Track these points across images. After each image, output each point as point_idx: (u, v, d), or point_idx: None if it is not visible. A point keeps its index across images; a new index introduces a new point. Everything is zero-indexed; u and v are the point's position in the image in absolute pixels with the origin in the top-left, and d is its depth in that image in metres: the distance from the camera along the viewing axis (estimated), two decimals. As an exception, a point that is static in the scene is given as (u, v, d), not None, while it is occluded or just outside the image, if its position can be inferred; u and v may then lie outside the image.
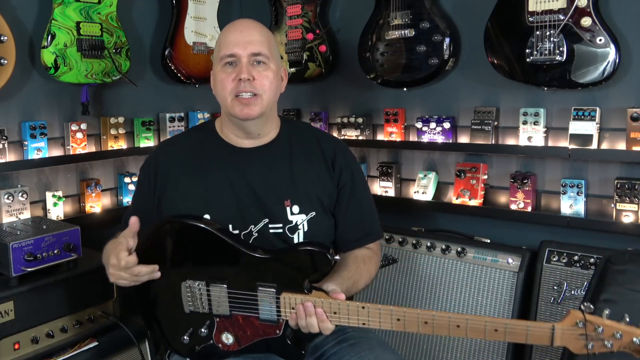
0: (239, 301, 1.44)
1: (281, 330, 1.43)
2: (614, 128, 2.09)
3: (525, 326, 1.24)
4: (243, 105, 1.52)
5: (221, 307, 1.45)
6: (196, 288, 1.46)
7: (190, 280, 1.46)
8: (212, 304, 1.46)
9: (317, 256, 1.42)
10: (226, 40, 1.56)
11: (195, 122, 2.78)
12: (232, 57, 1.53)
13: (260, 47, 1.53)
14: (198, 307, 1.47)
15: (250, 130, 1.60)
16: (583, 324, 1.17)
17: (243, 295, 1.43)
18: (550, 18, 2.01)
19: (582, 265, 2.01)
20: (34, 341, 1.86)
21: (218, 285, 1.44)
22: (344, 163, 1.65)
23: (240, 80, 1.51)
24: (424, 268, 2.28)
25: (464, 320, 1.27)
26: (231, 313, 1.45)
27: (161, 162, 1.63)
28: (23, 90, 2.25)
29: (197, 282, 1.46)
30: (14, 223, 2.08)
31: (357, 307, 1.35)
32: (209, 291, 1.45)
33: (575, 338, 1.19)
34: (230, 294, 1.44)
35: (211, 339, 1.48)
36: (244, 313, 1.44)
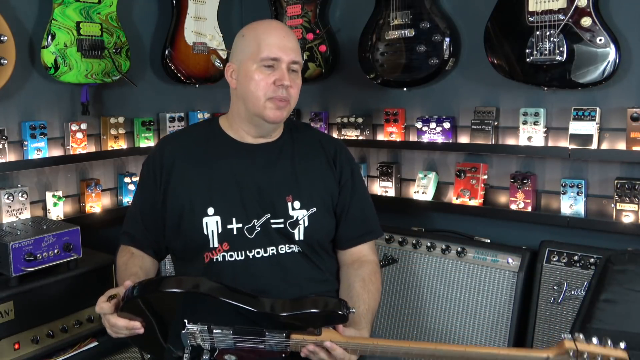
0: (245, 341, 1.38)
1: (288, 354, 1.40)
2: (614, 128, 2.09)
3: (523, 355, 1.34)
4: (277, 109, 1.55)
5: (225, 344, 1.39)
6: (197, 332, 1.38)
7: (190, 326, 1.37)
8: (214, 342, 1.39)
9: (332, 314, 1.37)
10: (268, 42, 1.56)
11: (195, 122, 2.78)
12: (274, 61, 1.55)
13: (298, 56, 1.59)
14: (200, 343, 1.40)
15: (269, 131, 1.64)
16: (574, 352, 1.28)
17: (250, 338, 1.38)
18: (550, 18, 2.02)
19: (582, 265, 2.01)
20: (34, 341, 1.86)
21: (222, 332, 1.38)
22: (345, 161, 1.69)
23: (280, 85, 1.54)
24: (424, 268, 2.28)
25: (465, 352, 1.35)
26: (236, 347, 1.40)
27: (166, 155, 1.63)
28: (23, 90, 2.25)
29: (198, 327, 1.37)
30: (14, 223, 2.08)
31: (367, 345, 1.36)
32: (212, 335, 1.38)
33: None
34: (235, 338, 1.38)
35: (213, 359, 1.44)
36: (249, 346, 1.39)
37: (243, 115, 1.62)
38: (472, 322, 2.13)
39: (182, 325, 1.37)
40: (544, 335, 2.02)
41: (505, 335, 2.07)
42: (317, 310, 1.36)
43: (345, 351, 1.35)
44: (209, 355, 1.42)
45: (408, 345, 1.38)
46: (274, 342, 1.37)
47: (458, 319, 2.16)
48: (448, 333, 2.17)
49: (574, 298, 1.99)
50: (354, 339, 1.37)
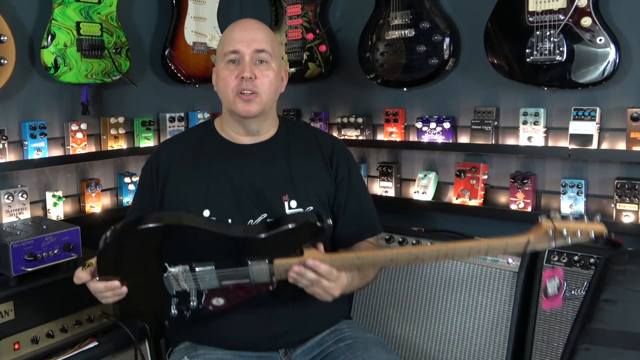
0: (229, 275, 1.40)
1: (274, 286, 1.42)
2: (614, 128, 2.09)
3: (504, 243, 1.41)
4: (244, 103, 1.55)
5: (210, 283, 1.41)
6: (179, 274, 1.39)
7: (171, 269, 1.39)
8: (199, 283, 1.41)
9: (310, 228, 1.39)
10: (230, 37, 1.59)
11: (195, 122, 2.78)
12: (235, 54, 1.56)
13: (263, 44, 1.56)
14: (184, 287, 1.42)
15: (251, 127, 1.62)
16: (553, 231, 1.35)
17: (233, 271, 1.40)
18: (550, 18, 2.01)
19: (582, 265, 2.01)
20: (34, 341, 1.86)
21: (204, 268, 1.39)
22: (342, 159, 1.68)
23: (242, 78, 1.54)
24: (423, 268, 2.28)
25: (452, 249, 1.41)
26: (221, 285, 1.41)
27: (163, 160, 1.65)
28: (23, 90, 2.25)
29: (180, 268, 1.39)
30: (14, 223, 2.08)
31: (351, 259, 1.41)
32: (195, 274, 1.40)
33: (543, 242, 1.38)
34: (218, 272, 1.40)
35: (200, 305, 1.45)
36: (235, 282, 1.41)
37: (227, 115, 1.64)
38: (472, 322, 2.13)
39: (164, 269, 1.38)
40: (544, 335, 2.02)
41: (505, 335, 2.06)
42: (294, 224, 1.38)
43: (331, 268, 1.37)
44: (197, 301, 1.43)
45: (391, 252, 1.43)
46: (257, 271, 1.38)
47: (458, 319, 2.16)
48: (448, 333, 2.17)
49: (574, 298, 1.99)
50: (336, 255, 1.41)
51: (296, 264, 1.37)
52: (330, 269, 1.38)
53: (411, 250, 1.43)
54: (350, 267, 1.42)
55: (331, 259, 1.39)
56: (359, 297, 2.41)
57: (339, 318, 1.68)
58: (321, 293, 1.40)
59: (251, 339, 1.54)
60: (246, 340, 1.54)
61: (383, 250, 1.43)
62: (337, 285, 1.41)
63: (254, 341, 1.54)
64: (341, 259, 1.41)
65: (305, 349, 1.59)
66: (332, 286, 1.39)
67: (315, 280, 1.38)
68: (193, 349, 1.58)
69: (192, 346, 1.59)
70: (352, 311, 2.39)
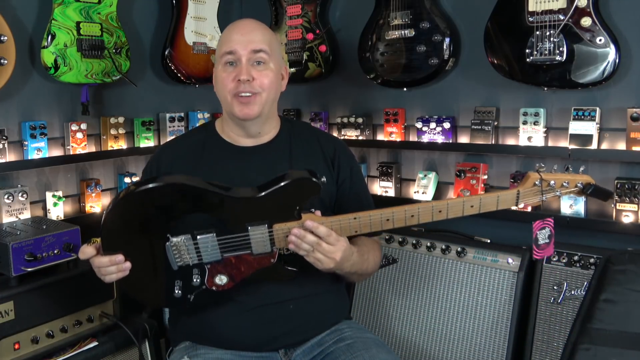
0: (230, 244, 1.41)
1: (275, 258, 1.42)
2: (614, 128, 2.09)
3: (496, 196, 1.44)
4: (242, 105, 1.54)
5: (212, 254, 1.42)
6: (182, 243, 1.40)
7: (174, 238, 1.40)
8: (201, 254, 1.41)
9: (304, 184, 1.39)
10: (227, 38, 1.58)
11: (195, 122, 2.78)
12: (232, 55, 1.55)
13: (260, 44, 1.55)
14: (187, 260, 1.42)
15: (251, 129, 1.61)
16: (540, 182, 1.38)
17: (233, 238, 1.40)
18: (550, 18, 2.01)
19: (582, 265, 2.01)
20: (34, 341, 1.86)
21: (205, 235, 1.40)
22: (343, 160, 1.68)
23: (239, 80, 1.53)
24: (424, 268, 2.28)
25: (445, 205, 1.43)
26: (223, 257, 1.42)
27: (164, 162, 1.65)
28: (23, 90, 2.25)
29: (182, 237, 1.39)
30: (14, 223, 2.09)
31: (348, 219, 1.41)
32: (197, 243, 1.40)
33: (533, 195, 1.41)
34: (219, 240, 1.40)
35: (204, 285, 1.45)
36: (236, 253, 1.41)
37: (227, 117, 1.64)
38: (472, 322, 2.13)
39: (166, 240, 1.39)
40: (544, 335, 2.02)
41: (505, 335, 2.07)
42: (289, 180, 1.38)
43: (329, 230, 1.38)
44: (200, 279, 1.44)
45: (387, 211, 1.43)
46: (257, 238, 1.39)
47: (458, 319, 2.16)
48: (448, 333, 2.17)
49: (574, 298, 1.99)
50: (333, 217, 1.41)
51: (295, 227, 1.38)
52: (329, 230, 1.38)
53: (406, 208, 1.42)
54: (348, 228, 1.42)
55: (329, 220, 1.40)
56: (359, 297, 2.41)
57: (339, 318, 1.68)
58: (322, 258, 1.39)
59: (251, 339, 1.54)
60: (246, 341, 1.54)
61: (379, 210, 1.43)
62: (338, 248, 1.40)
63: (254, 341, 1.54)
64: (338, 220, 1.41)
65: (305, 349, 1.59)
66: (332, 249, 1.39)
67: (315, 243, 1.38)
68: (193, 349, 1.58)
69: (192, 346, 1.59)
70: (352, 311, 2.39)
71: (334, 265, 1.42)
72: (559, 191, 1.40)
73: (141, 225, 1.41)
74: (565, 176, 1.40)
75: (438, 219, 1.44)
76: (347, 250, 1.44)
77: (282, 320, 1.54)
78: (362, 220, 1.43)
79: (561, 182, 1.39)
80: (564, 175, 1.41)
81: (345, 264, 1.46)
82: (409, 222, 1.44)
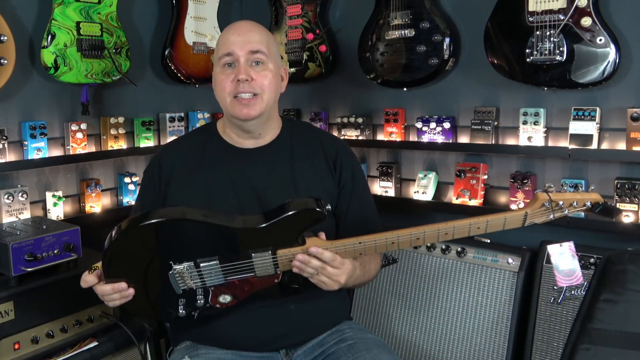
0: (233, 269, 1.41)
1: (279, 279, 1.43)
2: (614, 128, 2.09)
3: (503, 218, 1.43)
4: (242, 106, 1.53)
5: (215, 279, 1.42)
6: (185, 271, 1.40)
7: (176, 266, 1.40)
8: (204, 279, 1.42)
9: (308, 214, 1.39)
10: (225, 40, 1.57)
11: (195, 122, 2.78)
12: (230, 57, 1.55)
13: (258, 45, 1.55)
14: (190, 285, 1.43)
15: (251, 130, 1.61)
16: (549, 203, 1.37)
17: (237, 264, 1.41)
18: (550, 18, 2.01)
19: (582, 265, 2.01)
20: (34, 341, 1.86)
21: (208, 263, 1.40)
22: (345, 162, 1.67)
23: (238, 81, 1.52)
24: (424, 268, 2.28)
25: (452, 228, 1.42)
26: (226, 281, 1.42)
27: (165, 163, 1.64)
28: (23, 90, 2.25)
29: (185, 265, 1.40)
30: (14, 223, 2.08)
31: (353, 244, 1.41)
32: (200, 270, 1.41)
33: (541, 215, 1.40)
34: (223, 267, 1.41)
35: (208, 304, 1.46)
36: (240, 276, 1.42)
37: (227, 119, 1.63)
38: (472, 322, 2.13)
39: (169, 267, 1.39)
40: (544, 335, 2.03)
41: (505, 335, 2.07)
42: (293, 211, 1.37)
43: (334, 254, 1.38)
44: (203, 300, 1.45)
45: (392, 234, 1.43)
46: (261, 263, 1.39)
47: (458, 319, 2.16)
48: (448, 333, 2.17)
49: (574, 298, 1.99)
50: (337, 241, 1.41)
51: (299, 253, 1.38)
52: (334, 255, 1.38)
53: (412, 231, 1.43)
54: (352, 252, 1.42)
55: (333, 245, 1.40)
56: (359, 298, 2.41)
57: (340, 319, 1.68)
58: (327, 281, 1.40)
59: (252, 340, 1.54)
60: (247, 341, 1.54)
61: (384, 233, 1.43)
62: (343, 271, 1.41)
63: (255, 341, 1.54)
64: (343, 244, 1.41)
65: (306, 349, 1.59)
66: (337, 272, 1.39)
67: (319, 268, 1.38)
68: (194, 349, 1.57)
69: (193, 345, 1.59)
70: (352, 312, 2.39)
71: (338, 287, 1.43)
72: (567, 210, 1.39)
73: (143, 255, 1.42)
74: (574, 195, 1.38)
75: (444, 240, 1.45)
76: (351, 270, 1.44)
77: (283, 320, 1.54)
78: (367, 244, 1.42)
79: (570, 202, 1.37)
80: (573, 195, 1.39)
81: (349, 280, 1.46)
82: (414, 244, 1.45)
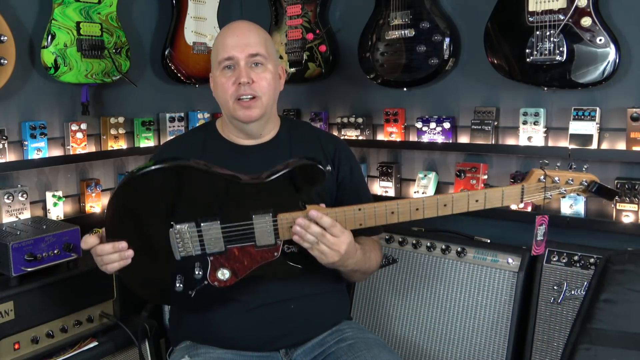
0: (234, 234, 1.41)
1: (279, 252, 1.42)
2: (614, 128, 2.09)
3: (501, 191, 1.43)
4: (244, 108, 1.55)
5: (215, 244, 1.41)
6: (186, 231, 1.39)
7: (178, 225, 1.39)
8: (205, 244, 1.41)
9: (308, 170, 1.39)
10: (223, 43, 1.58)
11: (195, 122, 2.78)
12: (230, 61, 1.56)
13: (257, 48, 1.56)
14: (190, 250, 1.41)
15: (252, 131, 1.62)
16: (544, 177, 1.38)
17: (237, 227, 1.40)
18: (550, 18, 2.02)
19: (582, 265, 2.01)
20: (34, 341, 1.86)
21: (209, 223, 1.39)
22: (344, 159, 1.69)
23: (239, 83, 1.54)
24: (424, 268, 2.28)
25: (450, 199, 1.43)
26: (226, 248, 1.41)
27: None
28: (23, 90, 2.25)
29: (186, 225, 1.39)
30: (14, 223, 2.08)
31: (353, 211, 1.41)
32: (200, 231, 1.40)
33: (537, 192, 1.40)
34: (223, 229, 1.40)
35: (206, 280, 1.44)
36: (239, 244, 1.41)
37: (227, 120, 1.65)
38: (472, 322, 2.13)
39: (169, 226, 1.39)
40: (544, 335, 2.03)
41: (505, 335, 2.07)
42: (294, 165, 1.39)
43: (334, 221, 1.38)
44: (202, 272, 1.43)
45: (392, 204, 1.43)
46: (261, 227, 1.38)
47: (458, 319, 2.16)
48: (448, 333, 2.17)
49: (574, 298, 1.99)
50: (338, 208, 1.41)
51: (300, 217, 1.38)
52: (334, 221, 1.38)
53: (411, 201, 1.43)
54: (352, 221, 1.41)
55: (334, 212, 1.39)
56: (359, 297, 2.41)
57: (340, 319, 1.68)
58: (326, 251, 1.39)
59: (252, 339, 1.54)
60: (247, 340, 1.54)
61: (384, 202, 1.43)
62: (342, 240, 1.39)
63: (255, 341, 1.54)
64: (343, 210, 1.41)
65: (306, 349, 1.59)
66: (336, 241, 1.38)
67: (319, 234, 1.37)
68: (194, 348, 1.58)
69: (193, 345, 1.59)
70: (352, 311, 2.39)
71: (338, 259, 1.40)
72: (563, 189, 1.39)
73: (145, 211, 1.40)
74: (570, 173, 1.40)
75: (443, 214, 1.43)
76: (352, 244, 1.43)
77: (283, 320, 1.54)
78: (366, 211, 1.41)
79: (565, 179, 1.38)
80: (568, 173, 1.40)
81: (349, 260, 1.45)
82: (414, 216, 1.42)
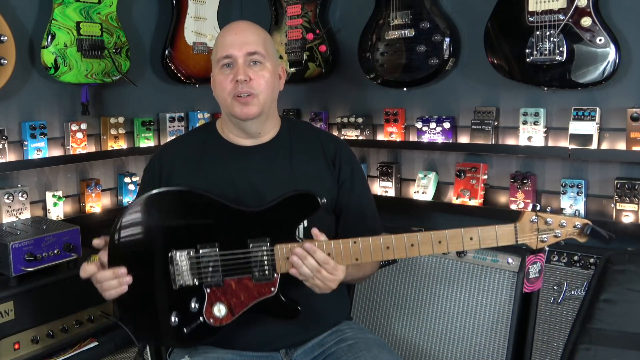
0: (232, 262, 1.43)
1: (276, 287, 1.43)
2: (614, 128, 2.09)
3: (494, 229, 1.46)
4: (242, 105, 1.55)
5: (213, 274, 1.43)
6: (185, 258, 1.42)
7: (177, 251, 1.43)
8: (202, 274, 1.43)
9: (305, 200, 1.43)
10: (223, 42, 1.59)
11: (195, 122, 2.79)
12: (228, 59, 1.56)
13: (255, 46, 1.56)
14: (187, 280, 1.43)
15: (251, 130, 1.62)
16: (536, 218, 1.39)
17: (235, 255, 1.43)
18: (550, 18, 2.02)
19: (582, 265, 2.01)
20: (34, 341, 1.86)
21: (209, 249, 1.43)
22: (344, 159, 1.68)
23: (237, 81, 1.54)
24: (424, 268, 2.28)
25: (444, 236, 1.45)
26: (223, 279, 1.43)
27: (165, 161, 1.65)
28: (23, 90, 2.25)
29: (186, 252, 1.43)
30: (14, 223, 2.08)
31: (349, 244, 1.42)
32: (199, 258, 1.42)
33: (532, 233, 1.42)
34: (222, 257, 1.42)
35: (201, 315, 1.45)
36: (237, 276, 1.43)
37: (226, 119, 1.65)
38: (472, 322, 2.13)
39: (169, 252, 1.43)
40: (544, 335, 2.03)
41: (505, 335, 2.06)
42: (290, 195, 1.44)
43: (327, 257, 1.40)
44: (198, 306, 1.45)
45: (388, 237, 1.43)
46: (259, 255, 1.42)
47: (458, 319, 2.16)
48: (448, 333, 2.17)
49: (574, 298, 1.99)
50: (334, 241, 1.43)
51: (297, 247, 1.40)
52: (327, 257, 1.40)
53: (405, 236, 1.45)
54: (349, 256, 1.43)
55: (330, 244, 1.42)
56: (359, 297, 2.41)
57: (340, 319, 1.68)
58: (321, 285, 1.41)
59: (252, 339, 1.54)
60: (247, 341, 1.54)
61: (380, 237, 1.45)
62: (336, 277, 1.42)
63: (255, 341, 1.54)
64: (339, 242, 1.43)
65: (306, 349, 1.59)
66: (329, 278, 1.41)
67: (315, 270, 1.39)
68: (194, 348, 1.57)
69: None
70: (352, 312, 2.39)
71: (330, 291, 1.44)
72: (558, 231, 1.41)
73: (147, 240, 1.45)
74: (562, 217, 1.41)
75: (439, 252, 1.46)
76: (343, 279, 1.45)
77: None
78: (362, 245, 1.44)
79: (558, 222, 1.40)
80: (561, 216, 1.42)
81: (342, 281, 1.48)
82: (410, 253, 1.44)
